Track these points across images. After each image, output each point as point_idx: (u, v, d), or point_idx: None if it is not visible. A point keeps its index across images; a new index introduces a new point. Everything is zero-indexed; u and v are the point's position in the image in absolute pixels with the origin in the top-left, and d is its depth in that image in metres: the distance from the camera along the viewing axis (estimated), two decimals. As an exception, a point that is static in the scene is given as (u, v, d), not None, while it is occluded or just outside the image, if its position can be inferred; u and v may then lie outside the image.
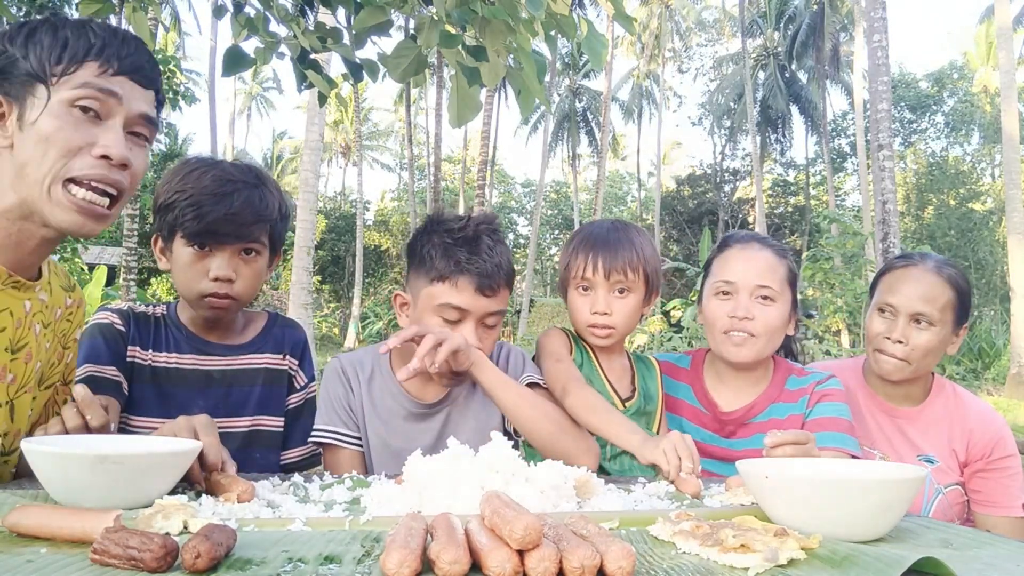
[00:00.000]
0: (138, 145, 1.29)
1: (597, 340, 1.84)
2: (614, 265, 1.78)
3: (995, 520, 1.90)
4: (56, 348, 1.43)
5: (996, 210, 28.09)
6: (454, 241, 1.56)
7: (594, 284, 1.80)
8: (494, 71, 2.45)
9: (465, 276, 1.53)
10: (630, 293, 1.81)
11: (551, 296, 38.65)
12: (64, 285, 1.46)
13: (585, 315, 1.81)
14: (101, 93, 1.20)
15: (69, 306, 1.46)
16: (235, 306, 1.66)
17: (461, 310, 1.54)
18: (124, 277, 13.13)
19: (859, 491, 0.95)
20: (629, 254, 1.79)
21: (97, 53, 1.21)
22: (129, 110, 1.24)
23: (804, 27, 33.11)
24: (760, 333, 1.78)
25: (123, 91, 1.23)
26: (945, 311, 1.87)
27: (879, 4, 11.89)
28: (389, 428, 1.66)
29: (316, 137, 13.02)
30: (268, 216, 1.64)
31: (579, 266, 1.81)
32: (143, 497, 1.02)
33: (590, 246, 1.81)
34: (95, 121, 1.21)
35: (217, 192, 1.57)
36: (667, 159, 49.60)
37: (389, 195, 48.14)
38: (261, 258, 1.67)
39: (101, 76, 1.21)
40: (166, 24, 30.30)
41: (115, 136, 1.22)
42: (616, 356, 1.92)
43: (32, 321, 1.32)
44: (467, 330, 1.54)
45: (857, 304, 10.25)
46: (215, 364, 1.72)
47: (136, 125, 1.27)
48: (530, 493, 1.05)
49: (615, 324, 1.80)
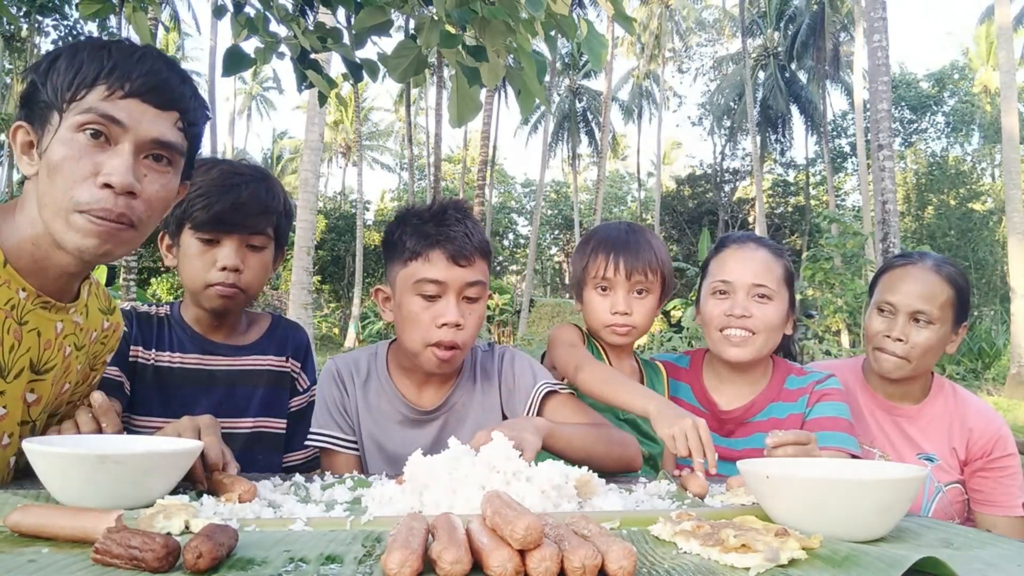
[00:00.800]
0: (155, 171, 1.21)
1: (616, 339, 1.85)
2: (635, 266, 1.80)
3: (995, 519, 1.90)
4: (85, 370, 1.42)
5: (996, 210, 28.09)
6: (422, 220, 1.56)
7: (614, 284, 1.82)
8: (494, 71, 2.45)
9: (436, 248, 1.51)
10: (649, 294, 1.84)
11: (551, 296, 38.66)
12: (103, 308, 1.44)
13: (604, 315, 1.83)
14: (102, 119, 1.15)
15: (105, 329, 1.45)
16: (242, 297, 1.66)
17: (438, 283, 1.52)
18: (124, 277, 13.14)
19: (860, 491, 0.95)
20: (649, 255, 1.82)
21: (107, 75, 1.16)
22: (138, 135, 1.17)
23: (804, 27, 33.11)
24: (758, 331, 1.79)
25: (131, 114, 1.16)
26: (944, 309, 1.87)
27: (879, 4, 11.89)
28: (384, 432, 1.65)
29: (316, 137, 13.03)
30: (274, 208, 1.67)
31: (599, 267, 1.83)
32: (144, 497, 1.02)
33: (610, 247, 1.83)
34: (104, 146, 1.16)
35: (225, 183, 1.61)
36: (667, 159, 49.63)
37: (389, 195, 48.15)
38: (267, 251, 1.69)
39: (108, 99, 1.15)
40: (166, 24, 30.29)
41: (120, 162, 1.15)
42: (626, 359, 1.92)
43: (63, 343, 1.31)
44: (449, 306, 1.51)
45: (857, 304, 10.25)
46: (219, 364, 1.72)
47: (150, 149, 1.20)
48: (531, 493, 1.05)
49: (635, 324, 1.83)
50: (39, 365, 1.27)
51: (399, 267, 1.57)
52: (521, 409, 1.64)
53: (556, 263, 50.46)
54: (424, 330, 1.53)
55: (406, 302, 1.55)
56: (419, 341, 1.54)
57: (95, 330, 1.41)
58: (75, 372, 1.37)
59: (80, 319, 1.35)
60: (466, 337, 1.55)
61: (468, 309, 1.56)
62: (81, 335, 1.36)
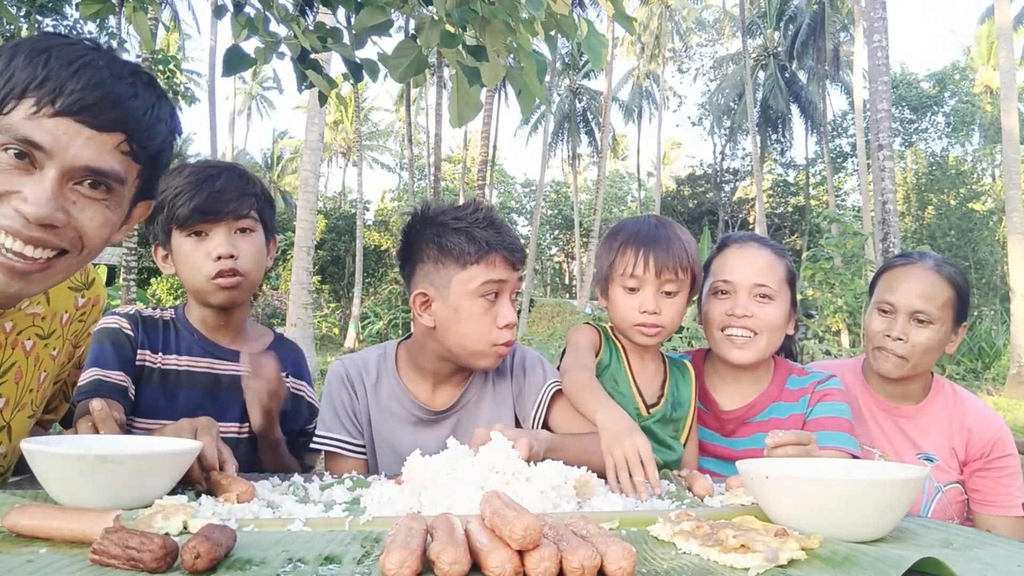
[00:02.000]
0: (88, 199, 1.06)
1: (644, 339, 1.76)
2: (665, 263, 1.70)
3: (994, 519, 1.90)
4: (67, 349, 1.40)
5: (997, 210, 28.09)
6: (473, 224, 1.57)
7: (643, 282, 1.72)
8: (494, 71, 2.45)
9: (497, 252, 1.55)
10: (678, 293, 1.75)
11: (551, 296, 38.65)
12: (75, 285, 1.40)
13: (632, 314, 1.74)
14: (17, 142, 1.00)
15: (81, 306, 1.41)
16: (245, 284, 1.65)
17: (500, 282, 1.56)
18: (124, 277, 13.12)
19: (860, 491, 0.95)
20: (680, 252, 1.72)
21: (36, 88, 1.00)
22: (64, 161, 1.02)
23: (804, 27, 33.12)
24: (760, 331, 1.78)
25: (56, 138, 1.00)
26: (944, 309, 1.88)
27: (879, 4, 11.89)
28: (397, 434, 1.64)
29: (316, 137, 13.02)
30: (252, 191, 1.69)
31: (627, 263, 1.73)
32: (143, 497, 1.02)
33: (640, 243, 1.73)
34: (28, 169, 1.01)
35: (199, 177, 1.63)
36: (667, 159, 49.62)
37: (389, 195, 48.15)
38: (257, 234, 1.69)
39: (34, 117, 1.00)
40: (166, 24, 30.30)
41: (38, 190, 1.00)
42: (650, 359, 1.85)
43: (17, 340, 1.27)
44: (508, 307, 1.57)
45: (857, 304, 10.24)
46: (226, 369, 1.71)
47: (81, 177, 1.04)
48: (530, 493, 1.05)
49: (663, 324, 1.74)
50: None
51: (454, 271, 1.55)
52: (531, 407, 1.65)
53: (556, 263, 50.46)
54: (487, 331, 1.55)
55: (466, 305, 1.55)
56: (484, 342, 1.55)
57: (65, 311, 1.37)
58: (50, 359, 1.35)
59: (38, 309, 1.31)
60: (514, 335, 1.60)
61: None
62: (45, 324, 1.32)
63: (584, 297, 30.68)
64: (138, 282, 15.54)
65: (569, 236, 45.78)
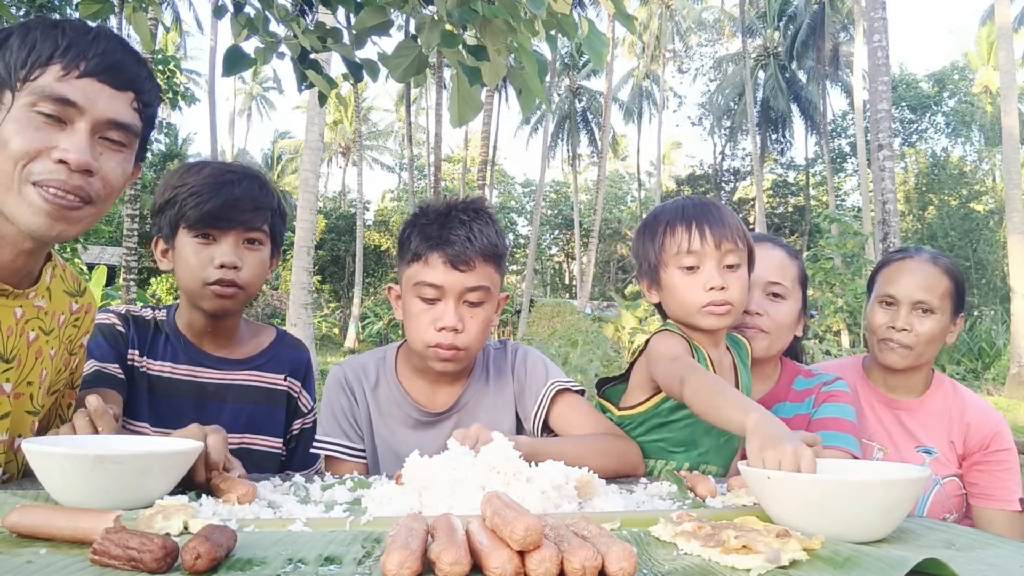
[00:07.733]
0: (111, 151, 1.21)
1: (715, 322, 1.58)
2: (724, 233, 1.56)
3: (992, 513, 1.93)
4: (63, 354, 1.40)
5: (997, 210, 28.10)
6: (429, 221, 1.55)
7: (703, 257, 1.57)
8: (495, 70, 2.45)
9: (435, 251, 1.50)
10: (740, 266, 1.59)
11: (551, 296, 38.64)
12: (69, 290, 1.42)
13: (698, 294, 1.57)
14: (54, 101, 1.13)
15: (75, 311, 1.43)
16: (241, 296, 1.63)
17: (435, 287, 1.51)
18: (124, 277, 13.12)
19: (862, 492, 0.95)
20: (734, 222, 1.60)
21: (61, 54, 1.14)
22: (94, 115, 1.17)
23: (804, 27, 33.12)
24: (770, 329, 1.79)
25: (86, 95, 1.15)
26: (944, 299, 1.92)
27: (879, 4, 11.89)
28: (397, 436, 1.63)
29: (316, 137, 13.02)
30: (269, 204, 1.66)
31: (680, 241, 1.58)
32: (143, 498, 1.02)
33: (690, 217, 1.59)
34: (59, 126, 1.15)
35: (219, 181, 1.60)
36: (667, 159, 49.62)
37: (389, 195, 48.17)
38: (264, 249, 1.67)
39: (63, 80, 1.14)
40: (166, 24, 30.29)
41: (76, 140, 1.15)
42: (723, 348, 1.69)
43: (24, 328, 1.29)
44: (448, 310, 1.50)
45: (857, 304, 10.24)
46: (209, 377, 1.69)
47: (105, 131, 1.19)
48: (531, 494, 1.05)
49: (732, 299, 1.57)
50: (4, 353, 1.25)
51: (404, 267, 1.57)
52: (531, 407, 1.63)
53: (556, 263, 50.45)
54: (423, 331, 1.53)
55: (409, 302, 1.56)
56: (420, 341, 1.54)
57: (62, 313, 1.39)
58: (48, 358, 1.35)
59: (43, 303, 1.33)
60: (468, 340, 1.53)
61: (469, 313, 1.54)
62: (47, 319, 1.34)
63: (584, 297, 30.70)
64: (138, 282, 15.54)
65: (569, 236, 45.76)
